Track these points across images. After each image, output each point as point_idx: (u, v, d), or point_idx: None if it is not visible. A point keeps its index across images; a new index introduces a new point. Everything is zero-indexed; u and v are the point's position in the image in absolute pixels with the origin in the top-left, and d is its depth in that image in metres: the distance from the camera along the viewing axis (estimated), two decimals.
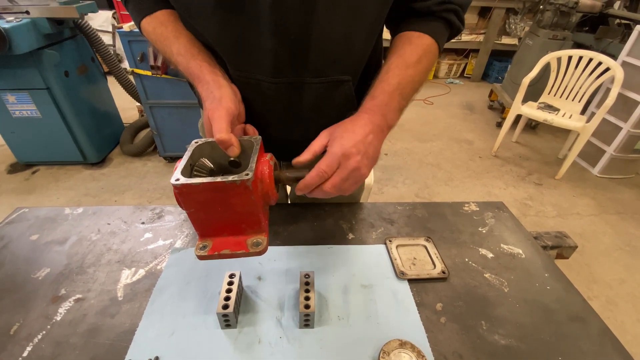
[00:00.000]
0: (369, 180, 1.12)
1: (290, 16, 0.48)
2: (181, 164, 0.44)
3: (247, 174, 0.42)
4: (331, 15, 0.50)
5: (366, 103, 0.54)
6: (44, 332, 0.49)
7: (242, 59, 0.55)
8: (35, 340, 0.48)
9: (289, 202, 0.97)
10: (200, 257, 0.45)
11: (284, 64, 0.54)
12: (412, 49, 0.57)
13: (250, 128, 0.54)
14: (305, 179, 0.48)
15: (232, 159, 0.49)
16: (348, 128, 0.50)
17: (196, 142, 0.48)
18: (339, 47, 0.54)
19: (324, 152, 0.50)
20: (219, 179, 0.41)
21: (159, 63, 2.00)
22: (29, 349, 0.47)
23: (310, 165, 0.49)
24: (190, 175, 0.45)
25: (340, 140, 0.48)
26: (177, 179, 0.41)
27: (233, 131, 0.48)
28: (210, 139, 0.49)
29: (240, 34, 0.52)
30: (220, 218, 0.45)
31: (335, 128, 0.52)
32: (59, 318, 0.52)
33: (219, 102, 0.50)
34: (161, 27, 0.57)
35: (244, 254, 0.45)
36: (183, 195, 0.42)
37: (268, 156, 0.49)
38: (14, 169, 2.43)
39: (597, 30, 2.98)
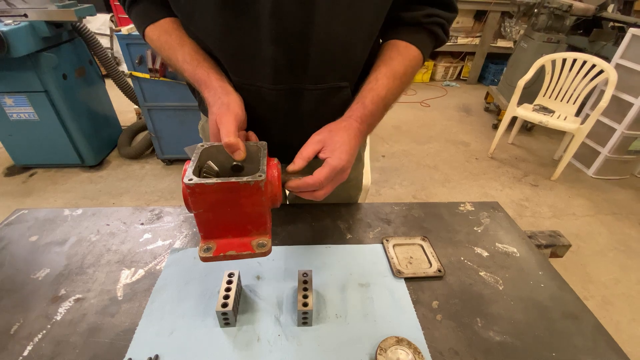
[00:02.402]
0: (366, 181, 1.13)
1: (290, 24, 0.49)
2: (191, 165, 0.44)
3: (260, 175, 0.42)
4: (330, 24, 0.51)
5: (357, 110, 0.56)
6: (44, 331, 0.50)
7: (242, 66, 0.56)
8: (36, 339, 0.49)
9: (287, 202, 0.97)
10: (204, 259, 0.45)
11: (283, 71, 0.54)
12: (401, 60, 0.59)
13: (253, 135, 0.55)
14: (301, 181, 0.50)
15: (235, 163, 0.50)
16: (344, 140, 0.52)
17: (202, 146, 0.49)
18: (338, 54, 0.55)
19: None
20: (233, 179, 0.41)
21: (157, 66, 2.01)
22: (29, 348, 0.48)
23: (310, 170, 0.50)
24: (200, 177, 0.46)
25: (339, 154, 0.50)
26: (191, 179, 0.41)
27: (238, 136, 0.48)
28: (216, 143, 0.49)
29: (241, 41, 0.52)
30: (228, 219, 0.45)
31: (327, 135, 0.53)
32: (59, 318, 0.52)
33: (227, 107, 0.51)
34: (165, 35, 0.58)
35: (249, 254, 0.45)
36: (195, 195, 0.42)
37: (275, 160, 0.50)
38: (11, 171, 2.42)
39: (591, 33, 3.02)
